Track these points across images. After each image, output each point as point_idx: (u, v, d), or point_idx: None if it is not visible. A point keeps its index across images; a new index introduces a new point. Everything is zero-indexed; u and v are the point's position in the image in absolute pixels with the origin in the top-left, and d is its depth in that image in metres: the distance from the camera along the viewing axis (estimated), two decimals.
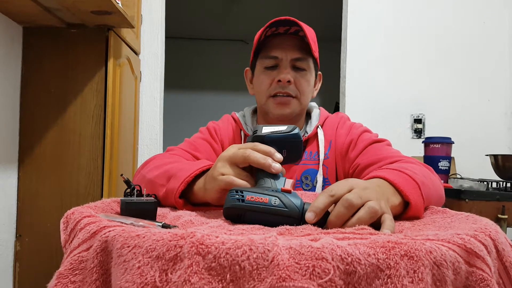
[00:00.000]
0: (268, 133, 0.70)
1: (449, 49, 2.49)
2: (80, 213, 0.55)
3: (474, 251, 0.45)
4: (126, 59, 2.03)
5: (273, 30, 1.03)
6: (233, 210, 0.58)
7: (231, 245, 0.40)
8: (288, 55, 1.04)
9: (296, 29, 1.02)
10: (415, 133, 2.47)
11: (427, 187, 0.73)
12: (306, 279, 0.39)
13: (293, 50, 1.04)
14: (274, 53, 1.04)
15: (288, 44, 1.04)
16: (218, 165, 0.68)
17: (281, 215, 0.57)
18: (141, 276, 0.41)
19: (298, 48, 1.04)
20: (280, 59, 1.04)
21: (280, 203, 0.57)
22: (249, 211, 0.58)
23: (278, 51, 1.04)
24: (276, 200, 0.57)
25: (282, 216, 0.57)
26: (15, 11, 1.60)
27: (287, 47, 1.04)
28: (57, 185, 1.74)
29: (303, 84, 1.06)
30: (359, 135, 1.05)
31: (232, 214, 0.59)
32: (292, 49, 1.04)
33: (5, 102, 1.67)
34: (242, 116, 1.16)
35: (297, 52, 1.04)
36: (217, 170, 0.67)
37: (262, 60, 1.07)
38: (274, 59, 1.05)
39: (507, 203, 1.58)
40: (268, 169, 0.63)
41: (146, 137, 2.41)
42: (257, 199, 0.58)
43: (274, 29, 1.03)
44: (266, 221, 0.57)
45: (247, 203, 0.57)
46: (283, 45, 1.04)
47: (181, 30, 5.14)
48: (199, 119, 4.38)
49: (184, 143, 1.08)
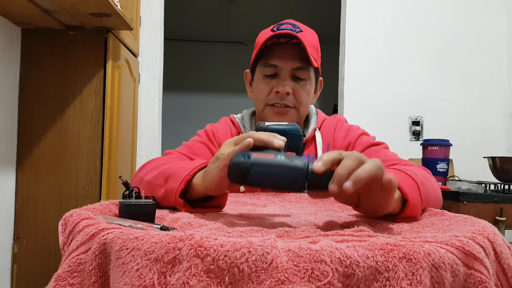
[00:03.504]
0: (270, 124, 0.71)
1: (447, 51, 2.50)
2: (79, 215, 0.55)
3: (472, 253, 0.45)
4: (124, 61, 2.03)
5: (274, 40, 1.03)
6: (239, 165, 0.58)
7: (229, 247, 0.40)
8: (288, 65, 1.03)
9: (297, 41, 1.01)
10: (413, 135, 2.48)
11: (426, 188, 0.73)
12: (305, 282, 0.39)
13: (293, 60, 1.02)
14: (274, 61, 1.03)
15: (288, 54, 1.03)
16: (223, 147, 0.68)
17: (287, 167, 0.56)
18: (140, 278, 0.41)
19: (299, 58, 1.02)
20: (280, 68, 1.03)
21: (286, 159, 0.57)
22: (254, 165, 0.57)
23: (278, 60, 1.03)
24: (282, 156, 0.57)
25: (289, 169, 0.56)
26: (14, 13, 1.60)
27: (287, 57, 1.03)
28: (56, 187, 1.74)
29: (302, 94, 1.05)
30: (356, 138, 1.05)
31: (237, 173, 0.58)
32: (292, 59, 1.02)
33: (4, 103, 1.67)
34: (240, 119, 1.16)
35: (297, 61, 1.03)
36: (220, 151, 0.67)
37: (261, 67, 1.06)
38: (273, 67, 1.04)
39: (505, 205, 1.58)
40: (271, 144, 0.63)
41: (145, 139, 2.41)
42: (263, 155, 0.58)
43: (275, 40, 1.03)
44: (272, 176, 0.57)
45: (252, 159, 0.57)
46: (284, 54, 1.03)
47: (180, 32, 5.14)
48: (198, 121, 4.39)
49: (182, 147, 1.08)
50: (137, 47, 2.32)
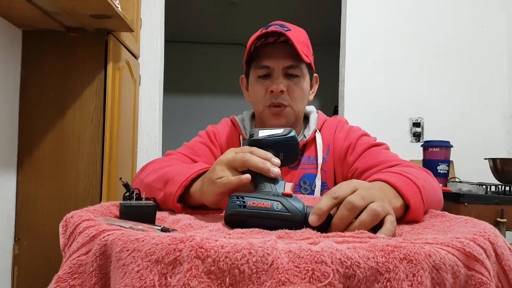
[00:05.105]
0: (264, 137, 0.69)
1: (448, 52, 2.50)
2: (79, 216, 0.55)
3: (473, 255, 0.45)
4: (125, 63, 2.03)
5: (262, 41, 1.02)
6: (235, 216, 0.58)
7: (230, 248, 0.40)
8: (280, 64, 1.02)
9: (285, 38, 1.00)
10: (414, 137, 2.48)
11: (427, 191, 0.73)
12: (306, 283, 0.39)
13: (284, 59, 1.02)
14: (266, 62, 1.03)
15: (279, 53, 1.02)
16: (217, 168, 0.67)
17: (284, 219, 0.56)
18: (140, 280, 0.41)
19: (290, 56, 1.02)
20: (272, 68, 1.03)
21: (283, 208, 0.57)
22: (251, 217, 0.57)
23: (269, 60, 1.03)
24: (278, 204, 0.57)
25: (285, 221, 0.56)
26: (15, 15, 1.61)
27: (278, 56, 1.02)
28: (56, 189, 1.74)
29: (297, 91, 1.05)
30: (357, 139, 1.05)
31: (234, 220, 0.58)
32: (283, 58, 1.02)
33: (4, 105, 1.67)
34: (241, 120, 1.16)
35: (288, 60, 1.02)
36: (215, 173, 0.67)
37: (254, 70, 1.06)
38: (265, 68, 1.04)
39: (506, 207, 1.58)
40: (267, 174, 0.63)
41: (145, 141, 2.41)
42: (259, 204, 0.57)
43: (263, 40, 1.02)
44: (269, 226, 0.57)
45: (248, 209, 0.57)
46: (274, 54, 1.03)
47: (180, 34, 5.15)
48: (198, 123, 4.39)
49: (183, 147, 1.08)
50: (138, 49, 2.32)
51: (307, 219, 0.56)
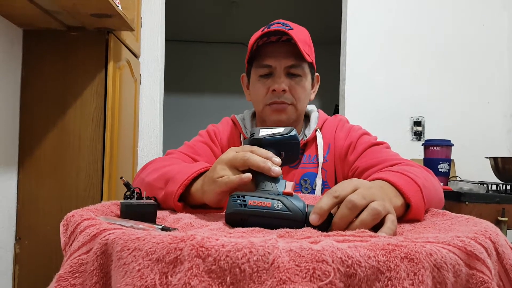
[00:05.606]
0: (265, 136, 0.69)
1: (449, 51, 2.49)
2: (80, 215, 0.55)
3: (474, 254, 0.45)
4: (126, 62, 2.03)
5: (264, 40, 1.02)
6: (236, 215, 0.58)
7: (231, 247, 0.40)
8: (282, 63, 1.02)
9: (287, 37, 1.00)
10: (414, 136, 2.47)
11: (428, 190, 0.73)
12: (307, 282, 0.39)
13: (286, 58, 1.02)
14: (268, 61, 1.03)
15: (281, 52, 1.02)
16: (218, 167, 0.67)
17: (285, 218, 0.56)
18: (141, 279, 0.41)
19: (292, 55, 1.02)
20: (274, 67, 1.03)
21: (283, 207, 0.57)
22: (252, 215, 0.57)
23: (271, 59, 1.02)
24: (279, 203, 0.57)
25: (286, 220, 0.56)
26: (15, 14, 1.61)
27: (280, 55, 1.02)
28: (57, 188, 1.74)
29: (299, 91, 1.04)
30: (358, 138, 1.04)
31: (235, 219, 0.58)
32: (285, 57, 1.02)
33: (5, 104, 1.67)
34: (241, 119, 1.16)
35: (290, 59, 1.02)
36: (216, 173, 0.67)
37: (256, 69, 1.06)
38: (267, 67, 1.03)
39: (507, 206, 1.58)
40: (267, 173, 0.63)
41: (146, 140, 2.41)
42: (260, 203, 0.57)
43: (266, 39, 1.02)
44: (270, 225, 0.57)
45: (249, 208, 0.57)
46: (276, 53, 1.02)
47: (181, 33, 5.15)
48: (199, 122, 4.39)
49: (184, 147, 1.08)
50: (138, 48, 2.32)
51: (308, 218, 0.56)
